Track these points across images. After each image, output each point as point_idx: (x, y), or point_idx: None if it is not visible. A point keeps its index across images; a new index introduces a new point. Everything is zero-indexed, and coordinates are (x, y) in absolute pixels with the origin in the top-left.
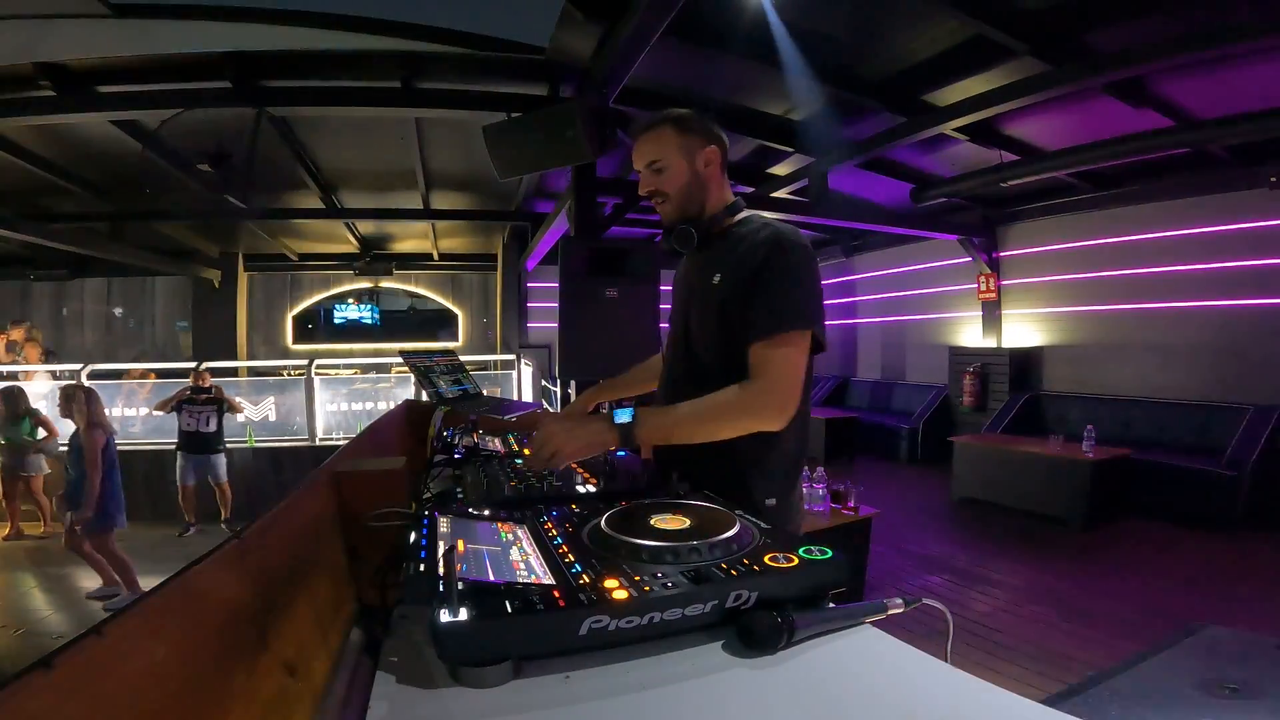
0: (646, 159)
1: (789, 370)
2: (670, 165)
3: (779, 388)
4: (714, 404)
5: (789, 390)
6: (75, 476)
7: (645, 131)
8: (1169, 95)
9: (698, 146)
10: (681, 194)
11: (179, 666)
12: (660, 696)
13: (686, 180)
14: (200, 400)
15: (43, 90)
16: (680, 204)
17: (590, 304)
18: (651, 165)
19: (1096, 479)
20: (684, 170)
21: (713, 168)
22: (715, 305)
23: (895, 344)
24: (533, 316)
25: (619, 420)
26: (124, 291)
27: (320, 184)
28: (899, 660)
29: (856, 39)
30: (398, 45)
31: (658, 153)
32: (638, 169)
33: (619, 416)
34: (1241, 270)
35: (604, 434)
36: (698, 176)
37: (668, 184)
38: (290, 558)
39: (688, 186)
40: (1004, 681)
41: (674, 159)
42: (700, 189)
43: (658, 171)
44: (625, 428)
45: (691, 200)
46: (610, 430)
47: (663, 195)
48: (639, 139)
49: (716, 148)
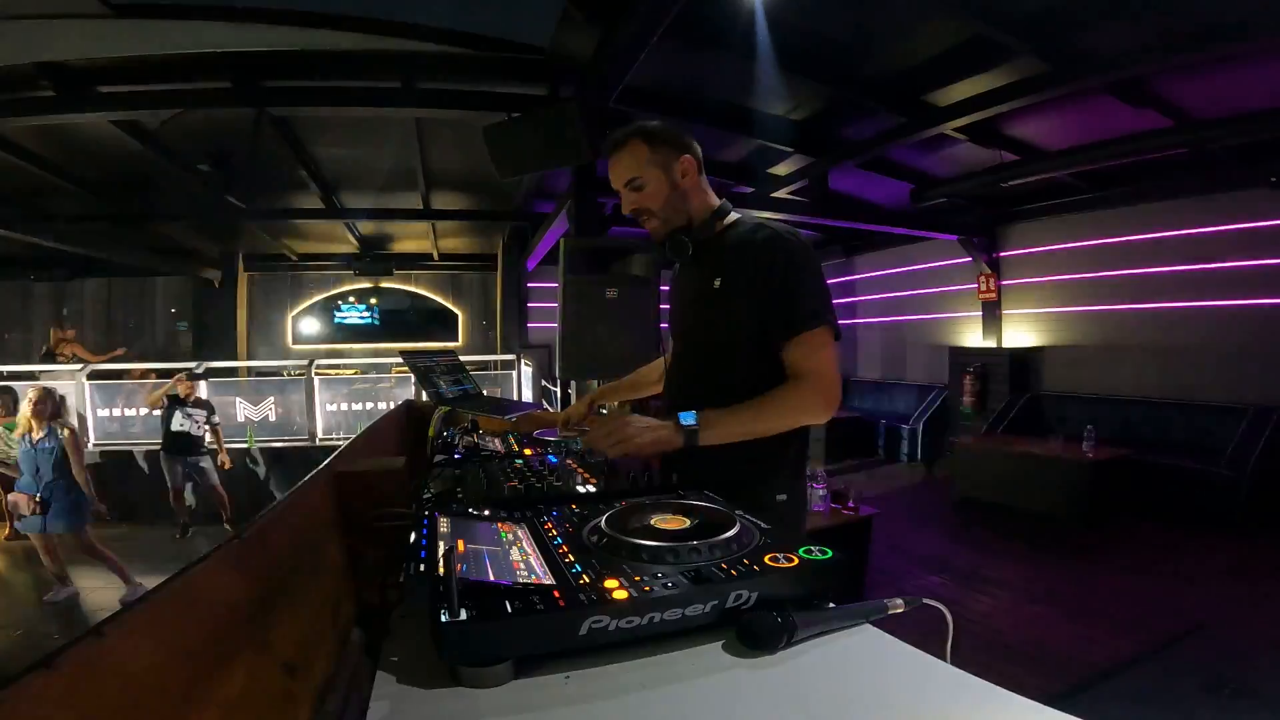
0: (623, 178)
1: (831, 367)
2: (648, 182)
3: (825, 384)
4: (771, 404)
5: (835, 386)
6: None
7: (617, 150)
8: (1169, 95)
9: (672, 158)
10: (666, 209)
11: (179, 666)
12: (660, 696)
13: (667, 194)
14: (191, 403)
15: (43, 90)
16: (666, 218)
17: (590, 304)
18: (630, 184)
19: (1096, 479)
20: (663, 184)
21: (690, 177)
22: (719, 309)
23: (895, 344)
24: (533, 316)
25: (685, 423)
26: (124, 291)
27: (320, 184)
28: (899, 660)
29: (856, 39)
30: (398, 45)
31: (634, 170)
32: (615, 188)
33: (685, 419)
34: (1241, 270)
35: (673, 435)
36: (677, 188)
37: (650, 201)
38: (290, 558)
39: (670, 200)
40: (1004, 681)
41: (651, 174)
42: (682, 199)
43: (637, 189)
44: (691, 430)
45: (676, 212)
46: (677, 432)
47: (648, 213)
48: (612, 157)
49: (690, 156)
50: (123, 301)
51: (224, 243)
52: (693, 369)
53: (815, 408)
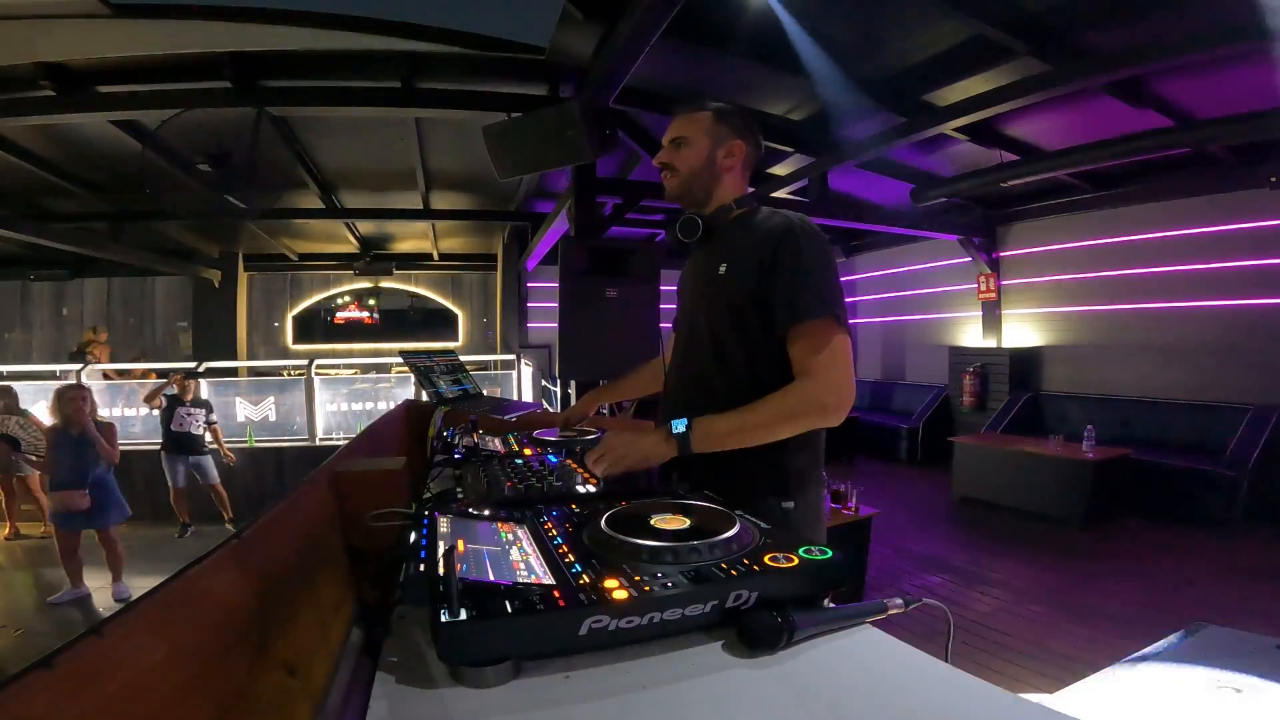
0: (673, 135)
1: (838, 363)
2: (692, 144)
3: (834, 383)
4: (769, 407)
5: (844, 385)
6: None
7: (685, 112)
8: (1169, 95)
9: (726, 137)
10: (691, 173)
11: (179, 666)
12: (660, 696)
13: (702, 163)
14: (189, 403)
15: (43, 90)
16: (685, 181)
17: (590, 304)
18: (674, 141)
19: (1096, 479)
20: (703, 153)
21: (733, 161)
22: (724, 296)
23: (895, 344)
24: (533, 316)
25: (676, 431)
26: (124, 291)
27: (320, 184)
28: (899, 660)
29: (857, 39)
30: (398, 45)
31: (685, 130)
32: (663, 143)
33: (676, 427)
34: (1241, 270)
35: (662, 445)
36: (714, 164)
37: (681, 160)
38: (290, 558)
39: (699, 168)
40: (1004, 681)
41: (699, 140)
42: (712, 177)
43: (678, 146)
44: (683, 437)
45: (699, 182)
46: (668, 441)
47: (672, 169)
48: (677, 116)
49: (744, 145)
50: (123, 301)
51: (224, 242)
52: (698, 359)
53: (820, 409)
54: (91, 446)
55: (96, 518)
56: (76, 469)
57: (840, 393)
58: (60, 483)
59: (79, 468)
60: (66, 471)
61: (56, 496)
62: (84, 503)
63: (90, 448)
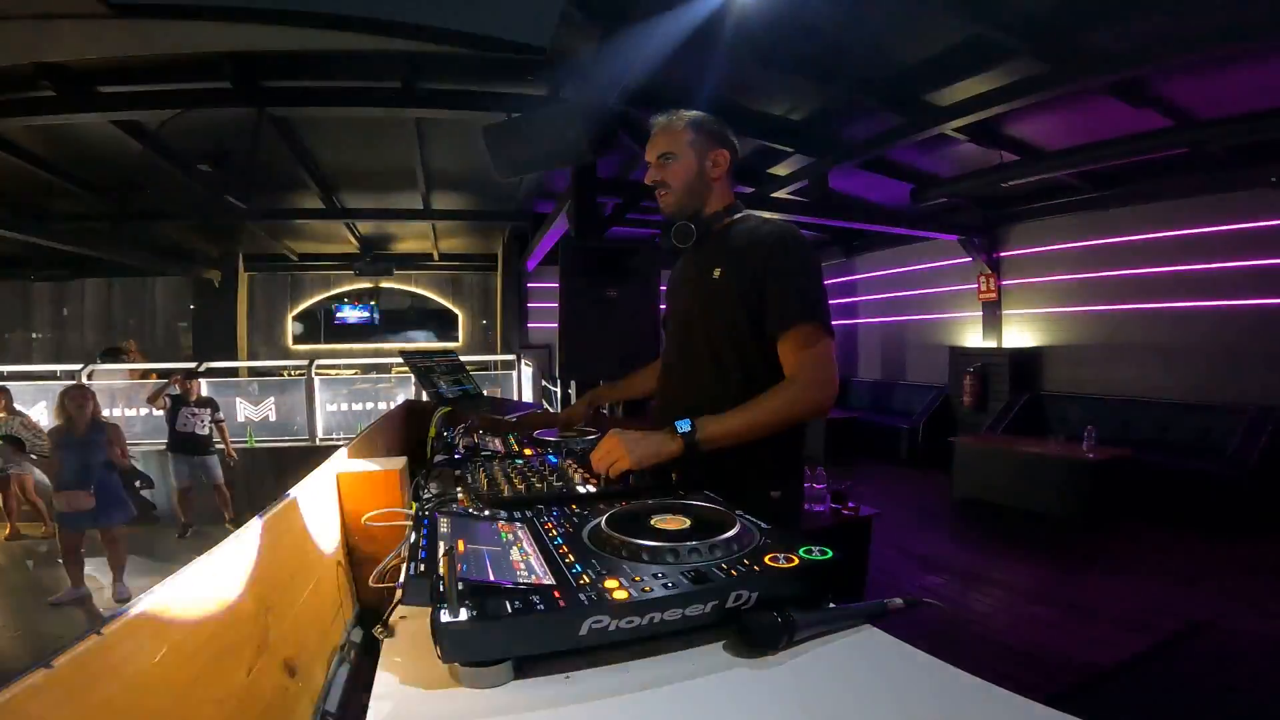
0: (658, 151)
1: (827, 364)
2: (680, 158)
3: (818, 380)
4: (765, 404)
5: (829, 382)
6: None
7: (662, 125)
8: (1169, 95)
9: (709, 147)
10: (684, 188)
11: (179, 666)
12: (660, 696)
13: (692, 176)
14: (193, 402)
15: (43, 90)
16: (681, 197)
17: (590, 304)
18: (662, 157)
19: (1097, 479)
20: (692, 166)
21: (720, 170)
22: (718, 299)
23: (895, 344)
24: (533, 317)
25: (680, 430)
26: (124, 291)
27: (321, 184)
28: (899, 660)
29: (856, 39)
30: (398, 45)
31: (670, 145)
32: (648, 160)
33: (680, 427)
34: (1241, 270)
35: (667, 444)
36: (703, 175)
37: (673, 176)
38: (290, 557)
39: (692, 182)
40: (1004, 681)
41: (684, 153)
42: (704, 187)
43: (666, 162)
44: (688, 436)
45: (693, 195)
46: (673, 440)
47: (666, 186)
48: (656, 131)
49: (727, 152)
50: (123, 301)
51: (224, 243)
52: (689, 357)
53: (809, 404)
54: (96, 446)
55: (101, 517)
56: (81, 469)
57: (828, 390)
58: (65, 482)
59: (84, 468)
60: (71, 471)
61: (62, 496)
62: (89, 502)
63: (94, 448)
